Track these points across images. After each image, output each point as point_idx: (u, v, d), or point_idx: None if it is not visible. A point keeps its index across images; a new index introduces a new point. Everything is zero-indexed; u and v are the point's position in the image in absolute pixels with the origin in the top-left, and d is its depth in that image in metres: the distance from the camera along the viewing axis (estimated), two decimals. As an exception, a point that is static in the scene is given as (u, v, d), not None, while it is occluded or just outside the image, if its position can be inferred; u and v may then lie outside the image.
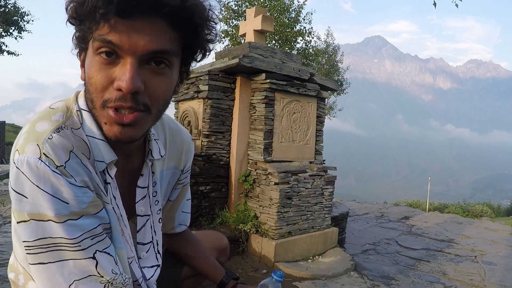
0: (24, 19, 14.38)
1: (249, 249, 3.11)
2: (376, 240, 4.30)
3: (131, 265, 0.84)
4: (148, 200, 0.89)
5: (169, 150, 0.97)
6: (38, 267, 0.66)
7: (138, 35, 0.62)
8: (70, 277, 0.66)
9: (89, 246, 0.67)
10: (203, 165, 3.10)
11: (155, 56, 0.66)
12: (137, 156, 0.86)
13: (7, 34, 14.32)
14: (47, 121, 0.69)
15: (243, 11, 12.46)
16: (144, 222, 0.89)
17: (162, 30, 0.65)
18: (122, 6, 0.59)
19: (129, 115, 0.66)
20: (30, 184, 0.63)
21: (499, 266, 3.50)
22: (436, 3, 4.68)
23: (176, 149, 1.00)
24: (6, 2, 13.79)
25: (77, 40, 0.69)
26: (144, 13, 0.61)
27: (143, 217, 0.89)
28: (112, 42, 0.62)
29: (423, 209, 8.66)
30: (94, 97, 0.67)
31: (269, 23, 3.53)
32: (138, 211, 0.87)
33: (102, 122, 0.69)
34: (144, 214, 0.89)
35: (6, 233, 3.49)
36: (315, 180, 3.29)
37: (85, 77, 0.70)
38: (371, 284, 2.81)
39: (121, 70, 0.64)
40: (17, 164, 0.64)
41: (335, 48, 17.63)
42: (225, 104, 3.22)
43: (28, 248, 0.66)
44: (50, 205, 0.63)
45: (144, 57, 0.65)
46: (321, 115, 3.62)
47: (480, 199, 30.19)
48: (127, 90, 0.63)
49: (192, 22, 0.67)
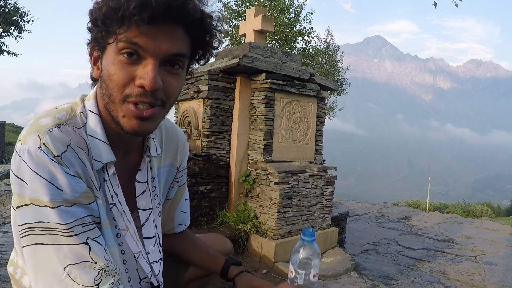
0: (24, 19, 14.38)
1: (249, 249, 3.11)
2: (376, 240, 4.30)
3: (138, 260, 0.89)
4: (149, 194, 0.94)
5: (165, 147, 1.02)
6: (36, 247, 0.70)
7: (162, 40, 0.71)
8: (65, 261, 0.70)
9: (81, 233, 0.72)
10: (203, 165, 3.10)
11: (173, 58, 0.74)
12: (135, 152, 0.92)
13: (7, 34, 14.32)
14: (50, 117, 0.75)
15: (243, 11, 12.46)
16: (147, 216, 0.94)
17: (180, 36, 0.74)
18: (153, 14, 0.67)
19: (148, 110, 0.74)
20: (29, 171, 0.69)
21: (499, 266, 3.50)
22: (436, 3, 4.68)
23: (172, 147, 1.05)
24: (6, 2, 13.79)
25: (95, 40, 0.75)
26: (168, 21, 0.71)
27: (145, 211, 0.93)
28: (138, 44, 0.70)
29: (423, 209, 8.66)
30: (114, 92, 0.73)
31: (269, 23, 3.53)
32: (139, 205, 0.92)
33: (119, 115, 0.75)
34: (146, 208, 0.93)
35: (6, 233, 3.49)
36: (315, 180, 3.29)
37: (100, 74, 0.76)
38: (371, 284, 2.81)
39: (144, 70, 0.71)
40: (19, 152, 0.71)
41: (335, 48, 17.62)
42: (225, 104, 3.22)
43: (28, 230, 0.71)
44: (46, 191, 0.69)
45: (164, 59, 0.73)
46: (321, 115, 3.62)
47: (480, 199, 30.18)
48: (150, 88, 0.71)
49: (205, 32, 0.77)
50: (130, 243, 0.86)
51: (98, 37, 0.74)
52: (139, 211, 0.92)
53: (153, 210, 0.96)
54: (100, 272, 0.72)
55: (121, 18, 0.68)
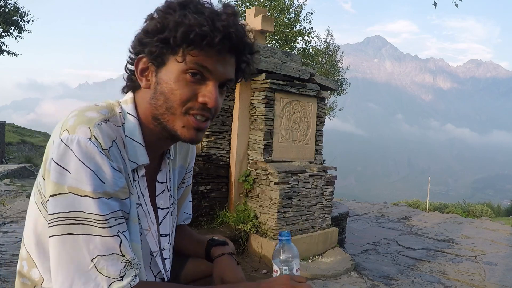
0: (24, 19, 14.38)
1: (249, 249, 3.11)
2: (376, 240, 4.30)
3: (156, 258, 0.94)
4: (167, 193, 1.01)
5: (179, 149, 1.09)
6: (65, 238, 0.72)
7: (224, 66, 0.83)
8: (94, 252, 0.72)
9: (114, 225, 0.75)
10: (203, 165, 3.10)
11: (226, 82, 0.86)
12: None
13: (7, 34, 14.33)
14: (95, 112, 0.79)
15: (243, 11, 12.45)
16: (164, 215, 1.00)
17: (233, 64, 0.86)
18: (226, 46, 0.79)
19: (204, 122, 0.84)
20: (76, 161, 0.72)
21: (499, 266, 3.50)
22: (436, 3, 4.68)
23: (184, 148, 1.12)
24: (6, 2, 13.79)
25: (150, 53, 0.81)
26: (231, 52, 0.82)
27: (163, 209, 0.99)
28: (207, 68, 0.80)
29: (423, 209, 8.66)
30: (175, 105, 0.81)
31: (269, 23, 3.53)
32: (158, 204, 0.98)
33: (177, 126, 0.83)
34: (164, 207, 0.99)
35: (6, 233, 3.49)
36: (315, 180, 3.29)
37: (155, 86, 0.83)
38: (371, 284, 2.81)
39: (207, 90, 0.81)
40: (66, 141, 0.73)
41: (335, 48, 17.62)
42: (225, 104, 3.22)
43: (60, 219, 0.72)
44: (90, 181, 0.72)
45: (221, 82, 0.84)
46: (321, 115, 3.62)
47: (480, 199, 30.17)
48: (212, 106, 0.81)
49: (249, 62, 0.90)
50: (150, 242, 0.91)
51: (159, 52, 0.79)
52: (158, 209, 0.97)
53: (169, 209, 1.02)
54: (126, 265, 0.75)
55: (204, 45, 0.76)
